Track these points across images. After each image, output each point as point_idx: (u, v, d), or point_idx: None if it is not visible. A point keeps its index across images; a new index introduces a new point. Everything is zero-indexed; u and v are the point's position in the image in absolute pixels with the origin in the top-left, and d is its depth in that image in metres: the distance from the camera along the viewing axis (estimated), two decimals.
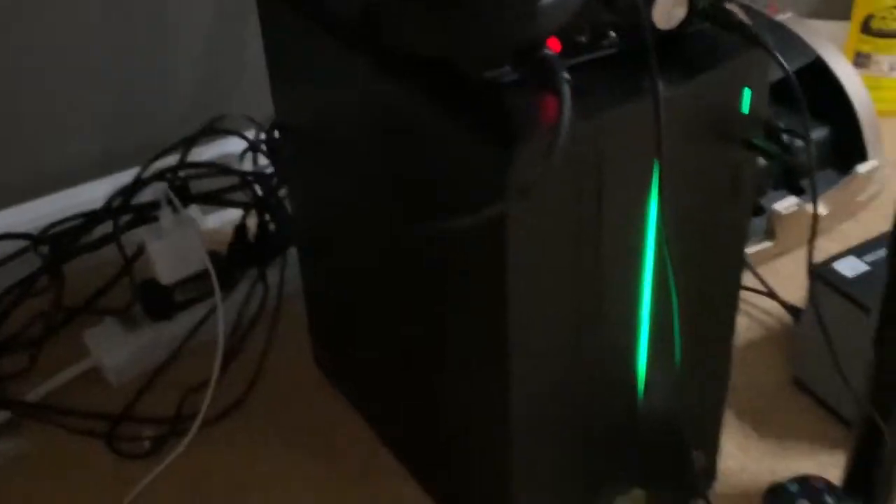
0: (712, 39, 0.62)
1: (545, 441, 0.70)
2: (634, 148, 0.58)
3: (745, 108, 0.63)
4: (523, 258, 0.59)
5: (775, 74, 0.81)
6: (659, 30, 0.60)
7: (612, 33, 0.60)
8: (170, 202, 0.93)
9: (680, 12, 0.60)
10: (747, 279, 1.01)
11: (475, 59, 0.57)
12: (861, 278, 0.82)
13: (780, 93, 0.80)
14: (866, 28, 1.21)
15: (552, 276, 0.61)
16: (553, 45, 0.58)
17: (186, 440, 0.87)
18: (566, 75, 0.54)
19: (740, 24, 0.60)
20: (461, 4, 0.55)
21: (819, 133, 1.08)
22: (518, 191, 0.54)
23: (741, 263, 0.71)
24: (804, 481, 0.76)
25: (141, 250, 0.96)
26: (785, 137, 1.04)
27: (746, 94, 0.62)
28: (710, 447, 0.80)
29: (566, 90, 0.53)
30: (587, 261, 0.61)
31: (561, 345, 0.65)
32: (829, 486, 0.75)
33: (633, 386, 0.71)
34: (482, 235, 0.59)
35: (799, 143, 1.06)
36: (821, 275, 0.84)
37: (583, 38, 0.59)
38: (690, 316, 0.68)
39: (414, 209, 0.67)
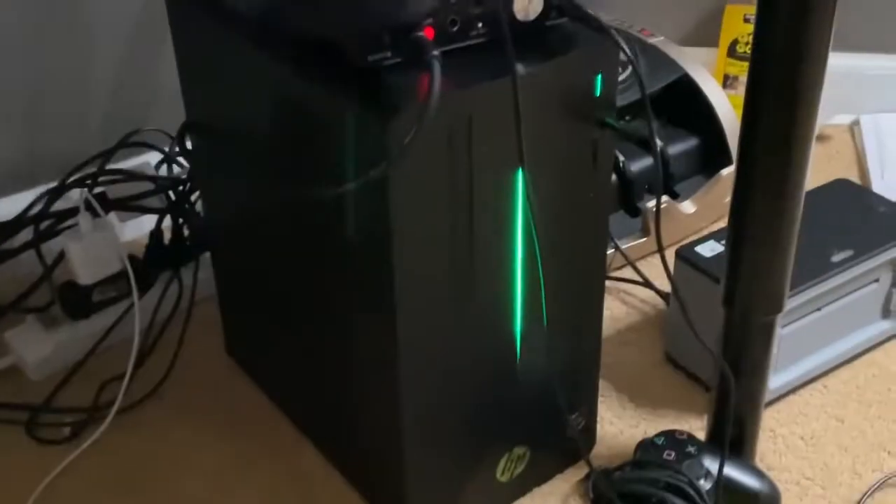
0: (569, 32, 0.71)
1: (433, 404, 0.77)
2: (500, 118, 0.67)
3: (598, 91, 0.72)
4: (405, 217, 0.67)
5: (650, 88, 0.91)
6: (520, 21, 0.69)
7: (480, 24, 0.69)
8: (89, 207, 0.99)
9: (537, 6, 0.69)
10: (626, 272, 1.11)
11: (358, 45, 0.66)
12: (718, 257, 0.92)
13: (655, 110, 0.91)
14: (732, 52, 1.34)
15: (431, 234, 0.69)
16: (428, 34, 0.67)
17: (104, 426, 0.93)
18: (436, 53, 0.63)
19: (590, 16, 0.70)
20: None
21: (689, 143, 1.19)
22: (397, 151, 0.62)
23: (605, 233, 0.80)
24: (669, 435, 0.84)
25: (62, 255, 1.02)
26: (659, 144, 1.15)
27: (598, 79, 0.72)
28: (588, 411, 0.88)
29: (435, 65, 0.62)
30: (462, 220, 0.70)
31: (442, 304, 0.73)
32: (690, 437, 0.84)
33: (511, 349, 0.79)
34: (370, 199, 0.67)
35: (672, 151, 1.17)
36: (683, 255, 0.94)
37: (454, 29, 0.68)
38: (559, 282, 0.77)
39: (311, 187, 0.74)
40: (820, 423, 0.94)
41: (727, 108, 1.18)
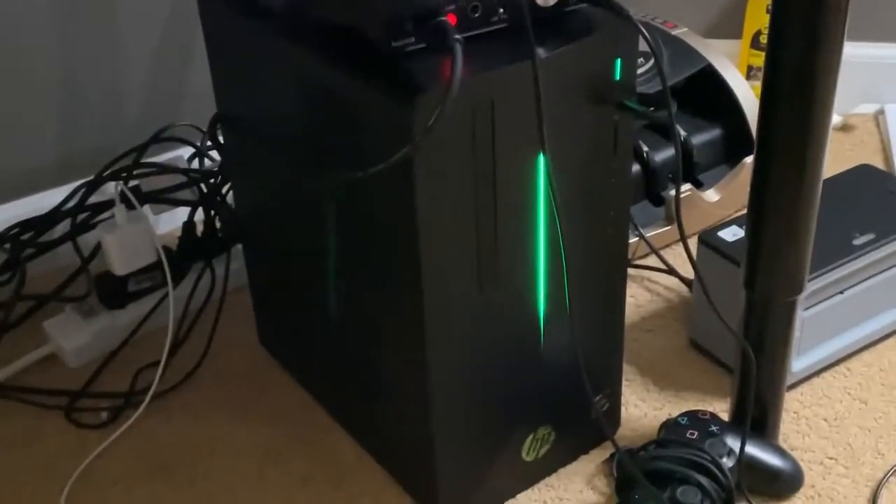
0: (588, 17, 0.73)
1: (459, 385, 0.79)
2: (522, 102, 0.69)
3: (617, 75, 0.74)
4: (430, 200, 0.69)
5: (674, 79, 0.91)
6: (540, 7, 0.71)
7: (501, 10, 0.71)
8: (124, 200, 1.02)
9: None
10: (651, 260, 1.12)
11: (382, 31, 0.68)
12: (740, 242, 0.93)
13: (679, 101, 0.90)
14: (756, 43, 1.35)
15: (456, 217, 0.71)
16: (450, 20, 0.68)
17: (139, 411, 0.96)
18: (458, 37, 0.65)
19: (609, 1, 0.71)
20: None
21: (713, 133, 1.20)
22: (420, 133, 0.64)
23: (626, 215, 0.81)
24: (693, 415, 0.86)
25: (99, 247, 1.05)
26: (682, 134, 1.16)
27: (617, 63, 0.73)
28: (612, 393, 0.90)
29: (457, 48, 0.64)
30: (486, 203, 0.71)
31: (468, 287, 0.75)
32: (713, 417, 0.85)
33: (536, 332, 0.81)
34: (395, 182, 0.69)
35: (696, 140, 1.19)
36: (705, 240, 0.95)
37: (476, 15, 0.70)
38: (582, 263, 0.78)
39: (338, 172, 0.76)
40: (843, 405, 0.95)
41: (750, 98, 1.19)
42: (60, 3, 1.10)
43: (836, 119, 1.32)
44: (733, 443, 0.82)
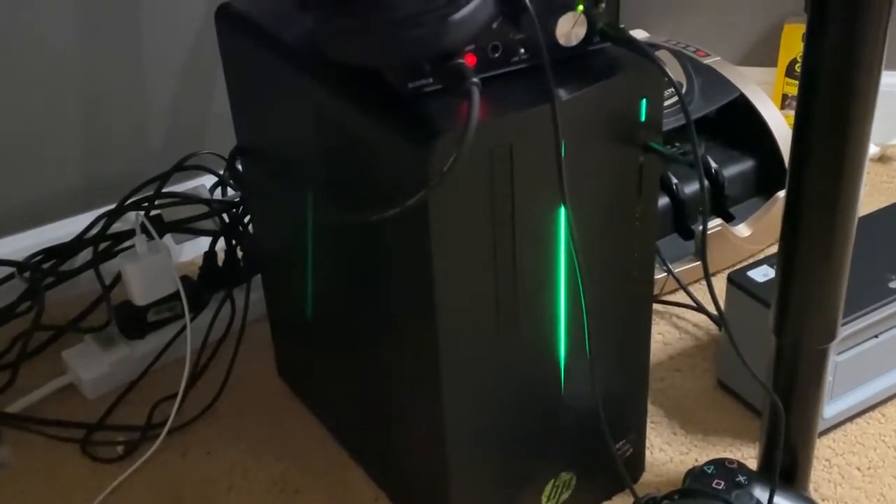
0: (613, 56, 0.71)
1: (478, 429, 0.77)
2: (542, 146, 0.67)
3: (643, 116, 0.71)
4: (445, 244, 0.67)
5: (699, 112, 0.88)
6: (563, 47, 0.69)
7: (523, 50, 0.69)
8: (144, 229, 1.01)
9: (580, 31, 0.69)
10: (679, 296, 1.09)
11: (399, 72, 0.66)
12: (770, 283, 0.90)
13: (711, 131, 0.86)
14: (791, 72, 1.31)
15: (473, 262, 0.69)
16: (469, 60, 0.67)
17: (155, 445, 0.94)
18: (475, 80, 0.63)
19: (633, 40, 0.69)
20: (381, 28, 0.63)
21: (745, 165, 1.17)
22: (436, 177, 0.62)
23: (651, 259, 0.79)
24: (719, 463, 0.83)
25: (119, 277, 1.04)
26: (713, 166, 1.14)
27: (643, 103, 0.71)
28: (636, 438, 0.87)
29: (474, 92, 0.62)
30: (504, 248, 0.69)
31: (485, 331, 0.72)
32: (741, 466, 0.82)
33: (557, 376, 0.78)
34: (411, 226, 0.67)
35: (727, 173, 1.16)
36: (734, 280, 0.92)
37: (496, 55, 0.68)
38: (605, 309, 0.76)
39: (354, 211, 0.75)
40: (877, 453, 0.91)
41: (785, 129, 1.16)
42: (85, 31, 1.10)
43: (873, 149, 1.29)
44: (761, 494, 0.79)
